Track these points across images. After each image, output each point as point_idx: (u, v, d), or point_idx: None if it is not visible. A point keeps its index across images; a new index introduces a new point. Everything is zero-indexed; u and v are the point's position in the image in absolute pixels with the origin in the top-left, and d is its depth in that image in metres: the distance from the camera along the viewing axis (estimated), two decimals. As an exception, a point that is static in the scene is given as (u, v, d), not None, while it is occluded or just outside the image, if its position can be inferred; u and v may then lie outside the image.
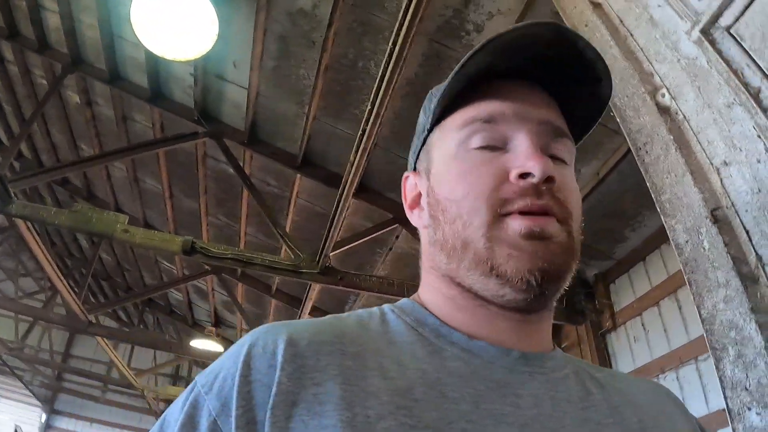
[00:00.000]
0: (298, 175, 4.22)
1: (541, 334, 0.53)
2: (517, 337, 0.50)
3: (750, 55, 0.79)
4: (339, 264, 3.95)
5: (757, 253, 0.74)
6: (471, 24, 3.00)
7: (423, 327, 0.51)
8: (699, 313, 0.81)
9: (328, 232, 3.47)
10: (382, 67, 2.46)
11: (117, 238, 3.11)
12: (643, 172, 0.96)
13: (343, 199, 3.26)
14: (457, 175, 0.52)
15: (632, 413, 0.49)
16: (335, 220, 3.42)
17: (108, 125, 5.15)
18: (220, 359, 0.47)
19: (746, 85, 0.78)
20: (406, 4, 2.14)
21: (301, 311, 4.52)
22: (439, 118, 0.57)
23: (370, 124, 2.76)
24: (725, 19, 0.82)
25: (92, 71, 4.41)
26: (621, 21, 1.07)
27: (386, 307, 0.55)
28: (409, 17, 2.15)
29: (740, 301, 0.73)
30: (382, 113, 2.65)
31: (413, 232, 4.43)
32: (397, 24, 2.25)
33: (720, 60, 0.82)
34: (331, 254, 3.61)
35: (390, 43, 2.42)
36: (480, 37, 3.03)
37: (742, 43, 0.80)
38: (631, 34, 1.03)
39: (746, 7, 0.79)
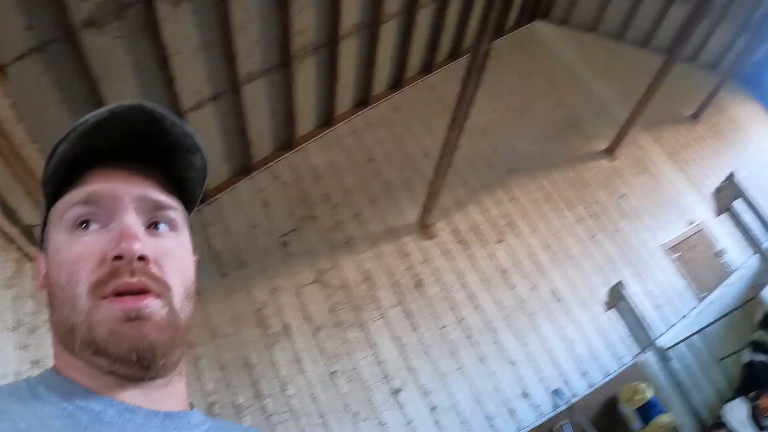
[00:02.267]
0: None
1: (173, 396, 0.56)
2: (153, 399, 0.53)
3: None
4: None
5: None
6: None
7: (53, 391, 0.49)
8: None
9: None
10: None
11: None
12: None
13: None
14: (60, 261, 0.53)
15: None
16: None
17: None
18: None
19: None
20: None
21: None
22: (53, 200, 0.57)
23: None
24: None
25: None
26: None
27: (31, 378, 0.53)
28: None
29: None
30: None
31: None
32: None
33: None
34: None
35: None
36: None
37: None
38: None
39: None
